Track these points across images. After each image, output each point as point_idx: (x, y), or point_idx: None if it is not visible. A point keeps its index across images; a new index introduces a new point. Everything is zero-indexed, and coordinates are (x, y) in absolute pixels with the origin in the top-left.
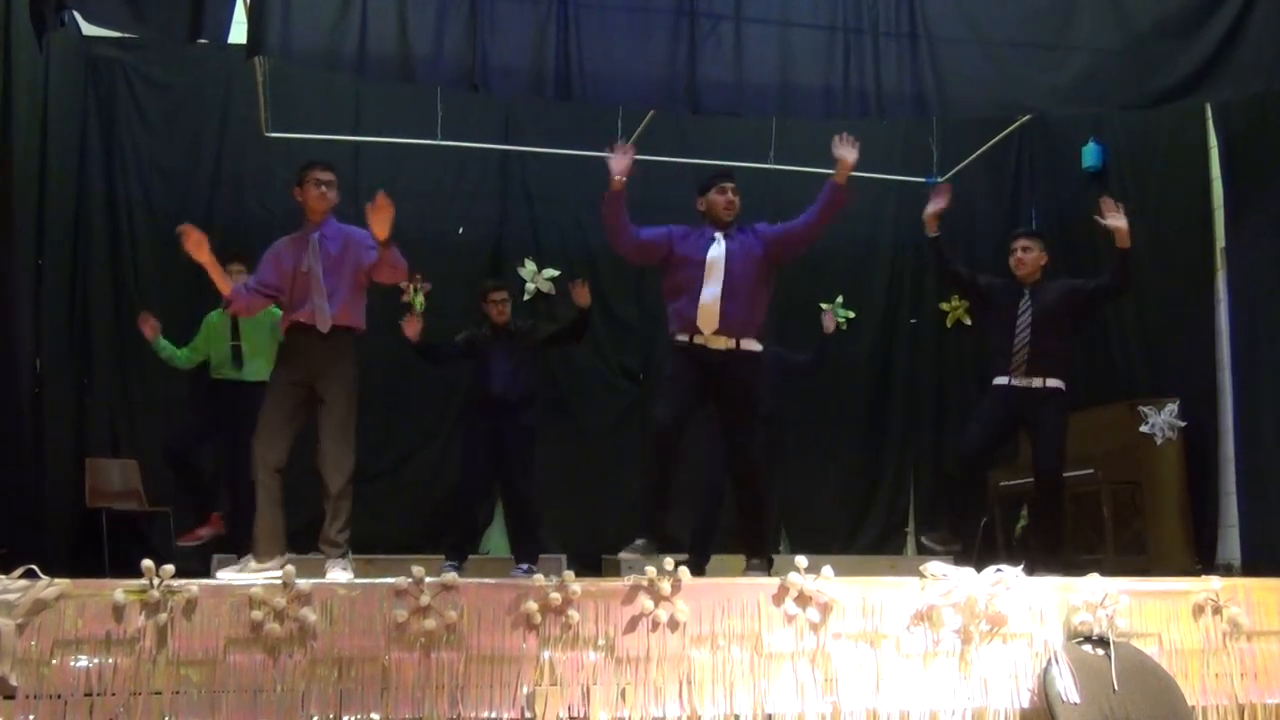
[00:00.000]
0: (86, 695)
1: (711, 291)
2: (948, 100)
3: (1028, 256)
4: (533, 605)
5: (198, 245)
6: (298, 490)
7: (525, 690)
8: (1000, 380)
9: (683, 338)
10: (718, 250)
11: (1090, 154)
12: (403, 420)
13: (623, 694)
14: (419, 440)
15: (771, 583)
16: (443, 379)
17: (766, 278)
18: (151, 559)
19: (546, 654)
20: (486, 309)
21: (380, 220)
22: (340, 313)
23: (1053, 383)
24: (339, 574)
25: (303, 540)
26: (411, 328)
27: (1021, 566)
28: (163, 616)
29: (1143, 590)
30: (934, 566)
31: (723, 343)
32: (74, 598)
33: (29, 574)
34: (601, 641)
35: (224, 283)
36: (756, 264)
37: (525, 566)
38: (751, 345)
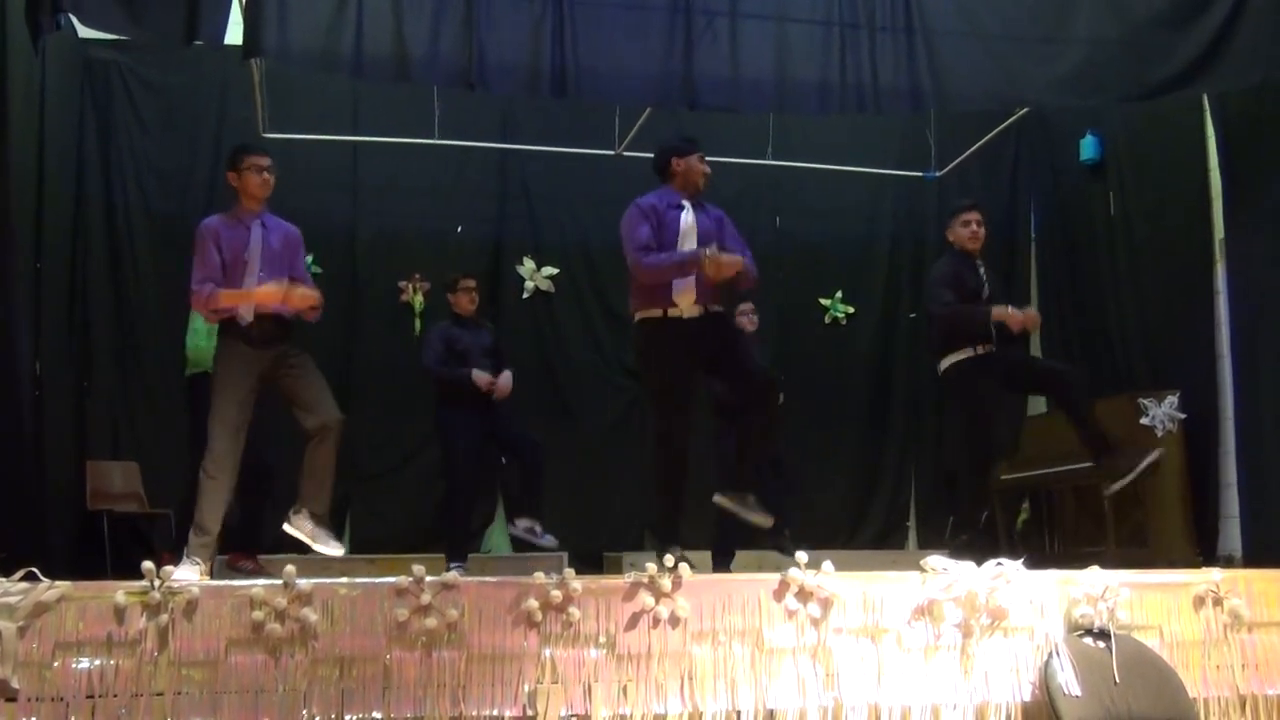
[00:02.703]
0: (88, 697)
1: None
2: (945, 94)
3: (982, 231)
4: (533, 603)
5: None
6: (295, 488)
7: (527, 688)
8: (967, 354)
9: (655, 312)
10: (689, 218)
11: (1088, 146)
12: (403, 420)
13: (624, 691)
14: (420, 440)
15: (772, 578)
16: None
17: None
18: (153, 561)
19: (548, 651)
20: (456, 299)
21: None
22: (280, 307)
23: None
24: (333, 547)
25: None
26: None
27: (1022, 560)
28: (164, 618)
29: (1143, 582)
30: (934, 561)
31: (695, 310)
32: (75, 600)
33: (30, 577)
34: (603, 639)
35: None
36: (716, 238)
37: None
38: (717, 309)
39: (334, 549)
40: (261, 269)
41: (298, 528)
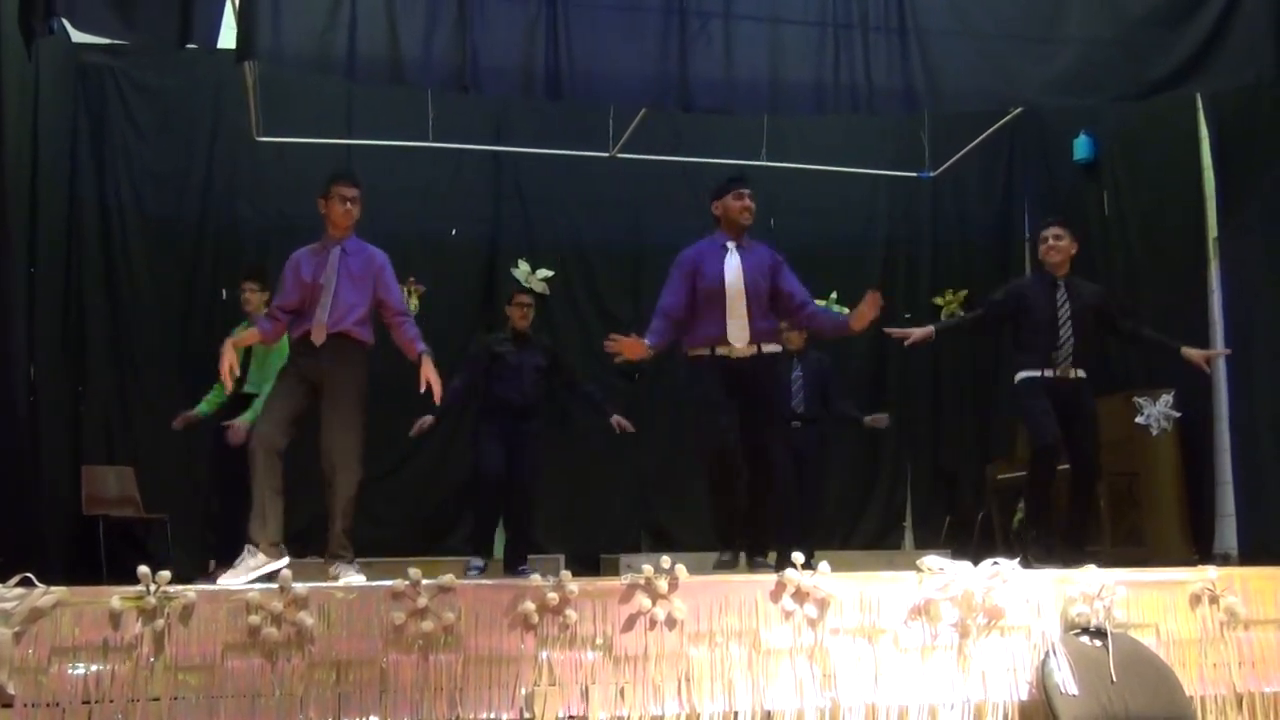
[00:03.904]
0: (84, 703)
1: (738, 307)
2: (939, 94)
3: (1060, 244)
4: (530, 606)
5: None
6: (295, 492)
7: (524, 691)
8: (1034, 374)
9: (703, 350)
10: (733, 263)
11: (1082, 146)
12: (400, 423)
13: (621, 693)
14: (416, 444)
15: (769, 579)
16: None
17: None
18: (148, 565)
19: (544, 654)
20: (510, 312)
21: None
22: (352, 327)
23: (1083, 374)
24: (354, 576)
25: (301, 543)
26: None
27: (1019, 559)
28: (160, 623)
29: (1139, 581)
30: (931, 561)
31: (746, 350)
32: (71, 605)
33: (25, 582)
34: (599, 641)
35: (250, 336)
36: (766, 280)
37: (523, 569)
38: (772, 348)
39: (355, 578)
40: (337, 293)
41: (334, 577)
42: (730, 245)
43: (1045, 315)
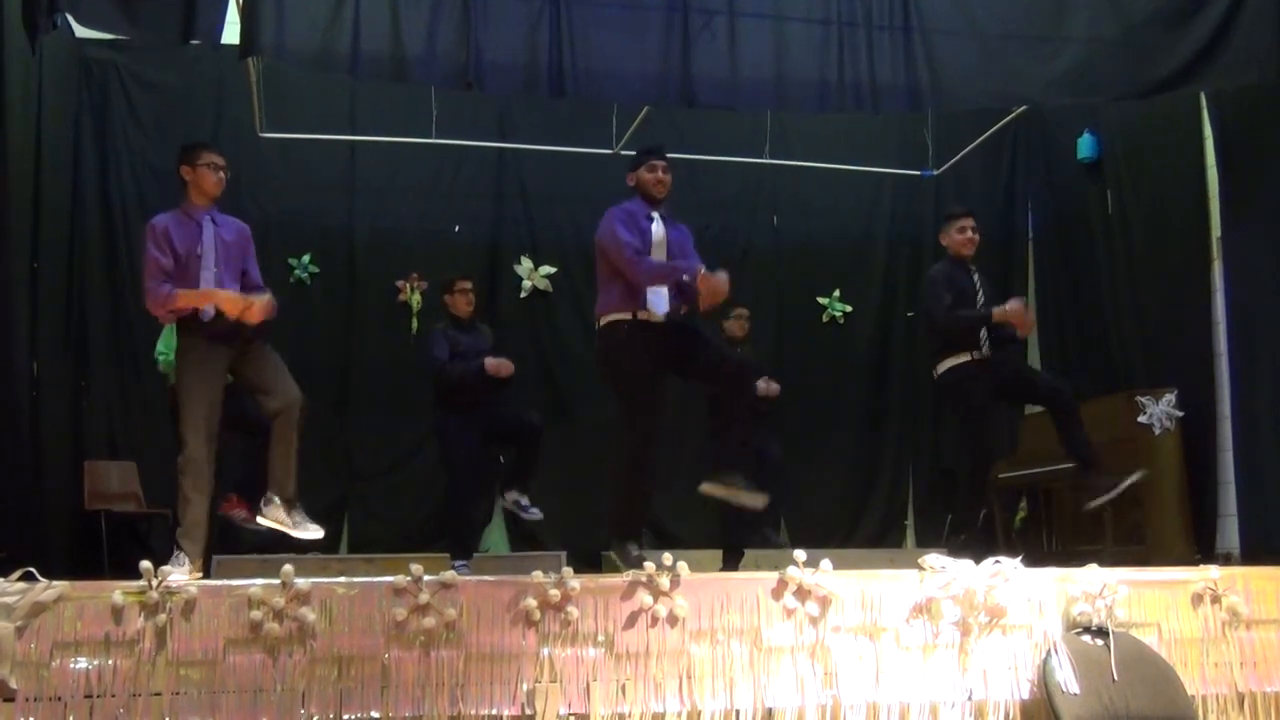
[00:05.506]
0: (86, 697)
1: None
2: (942, 92)
3: (976, 235)
4: (532, 602)
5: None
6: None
7: (525, 687)
8: (964, 358)
9: (623, 315)
10: (658, 231)
11: (1085, 145)
12: (400, 420)
13: (623, 689)
14: (417, 439)
15: (770, 577)
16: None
17: None
18: (150, 560)
19: (546, 650)
20: (454, 300)
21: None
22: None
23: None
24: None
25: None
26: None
27: (1020, 558)
28: (161, 618)
29: (1141, 580)
30: (933, 559)
31: (664, 318)
32: (73, 600)
33: (28, 576)
34: (601, 637)
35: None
36: (680, 252)
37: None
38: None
39: (313, 532)
40: (216, 264)
41: (273, 518)
42: (654, 215)
43: (969, 301)
